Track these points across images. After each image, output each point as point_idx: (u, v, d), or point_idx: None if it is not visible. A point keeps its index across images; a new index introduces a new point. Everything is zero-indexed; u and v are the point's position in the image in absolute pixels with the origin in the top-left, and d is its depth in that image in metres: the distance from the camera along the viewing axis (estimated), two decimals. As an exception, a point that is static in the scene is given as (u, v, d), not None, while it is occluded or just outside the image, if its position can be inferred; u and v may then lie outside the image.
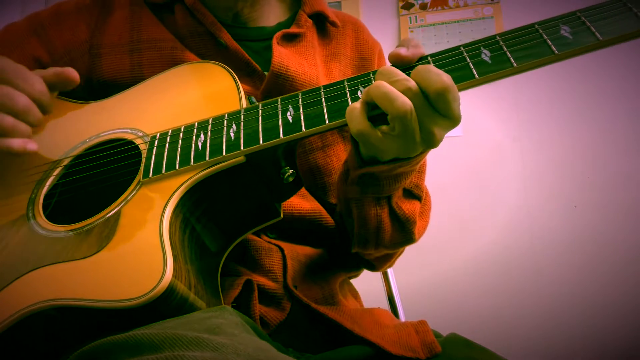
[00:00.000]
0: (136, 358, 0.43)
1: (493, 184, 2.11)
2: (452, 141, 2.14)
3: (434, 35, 2.38)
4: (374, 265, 0.87)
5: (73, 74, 0.67)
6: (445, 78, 0.52)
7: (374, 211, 0.71)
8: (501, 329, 1.92)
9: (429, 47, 2.37)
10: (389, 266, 0.92)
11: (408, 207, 0.75)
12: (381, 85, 0.54)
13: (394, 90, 0.53)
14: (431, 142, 0.57)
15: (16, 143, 0.63)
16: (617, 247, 1.93)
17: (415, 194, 0.79)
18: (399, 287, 1.08)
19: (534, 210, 2.05)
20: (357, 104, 0.56)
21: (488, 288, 1.99)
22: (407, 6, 2.45)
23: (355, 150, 0.63)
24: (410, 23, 2.42)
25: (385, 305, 1.00)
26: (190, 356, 0.41)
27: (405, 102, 0.53)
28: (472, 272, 2.00)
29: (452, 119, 0.55)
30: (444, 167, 2.12)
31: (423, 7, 2.43)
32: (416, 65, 0.57)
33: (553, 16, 0.55)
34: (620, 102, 2.07)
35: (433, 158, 0.85)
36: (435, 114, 0.55)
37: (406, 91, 0.53)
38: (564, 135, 2.09)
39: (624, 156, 2.02)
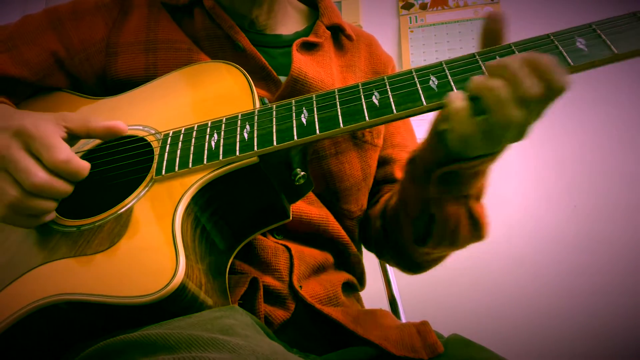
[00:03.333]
0: (151, 358, 0.43)
1: (493, 184, 2.11)
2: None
3: (434, 35, 2.38)
4: (422, 267, 0.86)
5: (117, 127, 0.64)
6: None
7: (454, 210, 0.69)
8: (502, 329, 1.92)
9: (429, 47, 2.36)
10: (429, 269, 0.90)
11: (480, 206, 0.74)
12: (497, 88, 0.52)
13: (508, 100, 0.51)
14: (521, 138, 0.56)
15: (25, 222, 0.62)
16: (617, 247, 1.93)
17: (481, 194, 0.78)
18: (400, 288, 1.09)
19: (534, 210, 2.05)
20: (463, 103, 0.54)
21: (489, 288, 1.99)
22: (407, 6, 2.44)
23: (441, 148, 0.61)
24: (410, 23, 2.42)
25: (386, 306, 1.01)
26: (207, 357, 0.41)
27: (516, 115, 0.52)
28: (472, 272, 2.00)
29: (541, 117, 0.54)
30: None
31: (423, 7, 2.43)
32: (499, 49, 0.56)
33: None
34: (620, 102, 2.07)
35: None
36: (535, 113, 0.54)
37: (530, 99, 0.51)
38: (564, 135, 2.08)
39: (624, 156, 2.02)
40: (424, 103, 0.57)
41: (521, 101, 0.52)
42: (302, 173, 0.64)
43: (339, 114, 0.59)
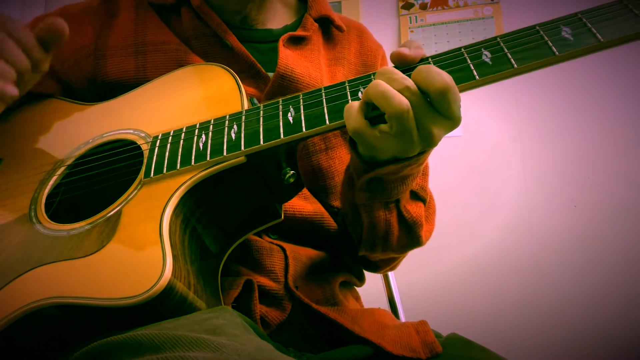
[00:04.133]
0: (137, 358, 0.43)
1: (493, 184, 2.11)
2: (452, 141, 2.14)
3: (434, 35, 2.38)
4: (378, 266, 0.88)
5: (60, 23, 0.66)
6: (447, 77, 0.52)
7: (383, 216, 0.71)
8: (501, 329, 1.92)
9: (429, 47, 2.36)
10: (392, 269, 0.92)
11: (415, 209, 0.75)
12: (378, 84, 0.54)
13: (390, 89, 0.53)
14: (430, 141, 0.56)
15: None
16: (617, 247, 1.93)
17: (420, 196, 0.79)
18: (399, 288, 1.08)
19: (534, 210, 2.04)
20: (356, 103, 0.56)
21: (488, 288, 1.99)
22: (407, 6, 2.44)
23: (356, 155, 0.62)
24: (410, 23, 2.42)
25: (385, 305, 1.00)
26: (191, 357, 0.41)
27: (402, 100, 0.53)
28: (472, 272, 2.00)
29: (452, 120, 0.55)
30: (444, 168, 2.12)
31: (423, 7, 2.43)
32: (417, 66, 0.57)
33: (554, 18, 0.55)
34: (620, 102, 2.07)
35: (433, 158, 0.85)
36: (435, 114, 0.54)
37: (404, 90, 0.53)
38: (564, 135, 2.09)
39: (624, 156, 2.02)
40: None
41: (403, 89, 0.53)
42: (292, 172, 0.64)
43: (325, 111, 0.59)
